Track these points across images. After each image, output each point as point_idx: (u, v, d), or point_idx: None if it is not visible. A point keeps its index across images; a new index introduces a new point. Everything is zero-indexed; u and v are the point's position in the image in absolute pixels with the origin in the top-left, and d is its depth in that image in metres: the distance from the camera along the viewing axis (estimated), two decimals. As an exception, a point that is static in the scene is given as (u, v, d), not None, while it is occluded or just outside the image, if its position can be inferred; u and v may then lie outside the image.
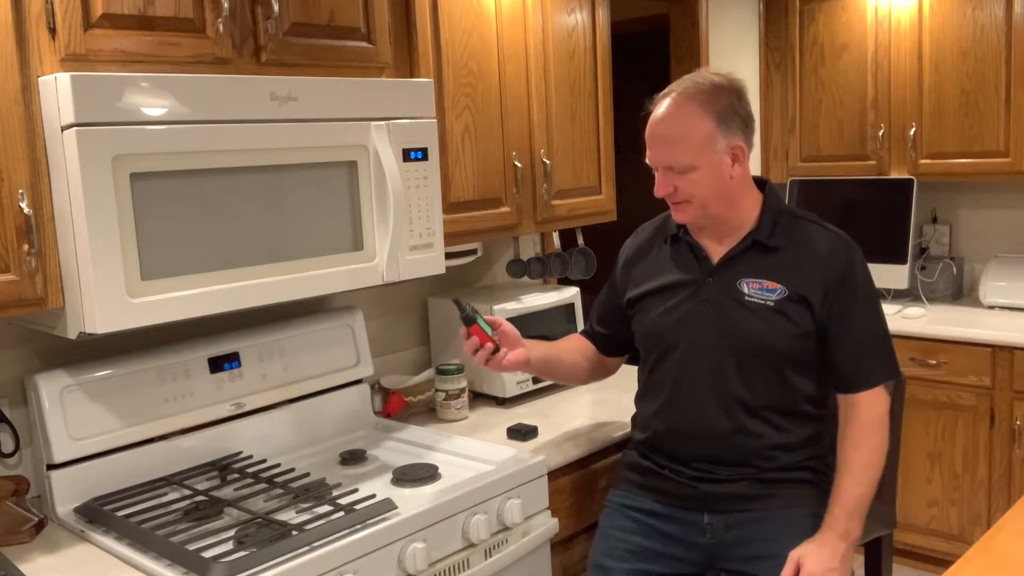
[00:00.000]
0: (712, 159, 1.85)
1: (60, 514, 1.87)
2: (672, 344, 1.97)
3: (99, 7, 1.66)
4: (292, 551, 1.64)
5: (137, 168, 1.65)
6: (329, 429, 2.32)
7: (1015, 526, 1.69)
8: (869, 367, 1.90)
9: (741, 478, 1.91)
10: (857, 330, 1.89)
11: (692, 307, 1.94)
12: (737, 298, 1.90)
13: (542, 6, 2.55)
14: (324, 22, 1.99)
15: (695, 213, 1.90)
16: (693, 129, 1.84)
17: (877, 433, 1.88)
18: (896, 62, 3.60)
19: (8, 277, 1.61)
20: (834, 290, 1.87)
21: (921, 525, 3.43)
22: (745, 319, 1.89)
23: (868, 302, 1.91)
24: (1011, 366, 3.16)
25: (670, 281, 1.99)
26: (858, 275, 1.90)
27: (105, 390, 1.94)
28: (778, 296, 1.87)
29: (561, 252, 2.90)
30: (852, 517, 1.83)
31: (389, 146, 2.02)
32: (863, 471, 1.85)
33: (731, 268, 1.92)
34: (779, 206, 1.96)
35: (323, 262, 1.94)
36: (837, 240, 1.92)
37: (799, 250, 1.90)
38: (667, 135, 1.86)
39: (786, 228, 1.92)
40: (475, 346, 2.02)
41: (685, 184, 1.86)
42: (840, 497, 1.84)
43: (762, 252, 1.91)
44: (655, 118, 1.88)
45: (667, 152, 1.86)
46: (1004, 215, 3.73)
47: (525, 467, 2.04)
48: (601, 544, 2.02)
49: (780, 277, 1.88)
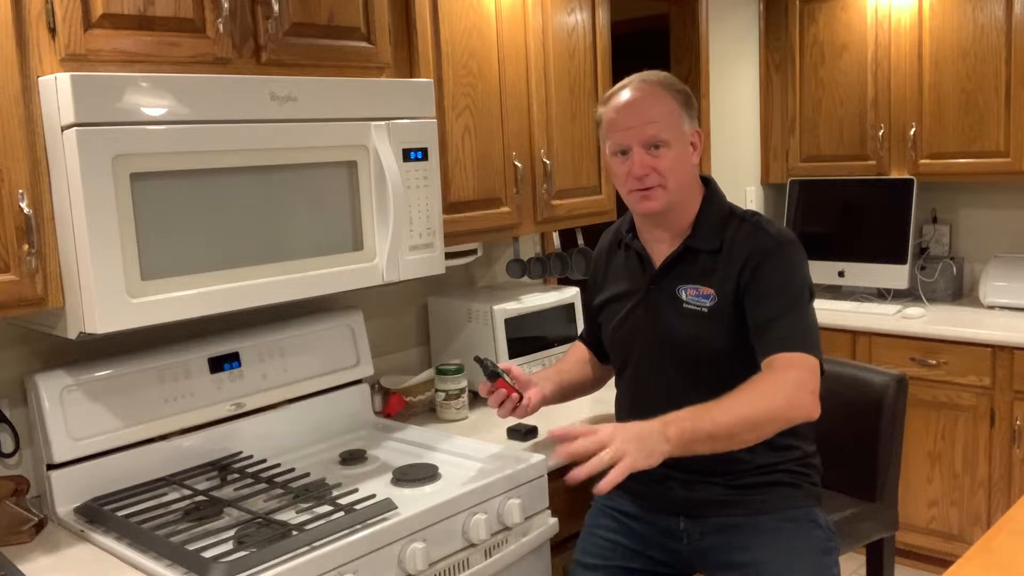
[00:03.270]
0: (682, 139, 1.87)
1: (60, 514, 1.87)
2: (628, 353, 2.00)
3: (99, 7, 1.66)
4: (292, 551, 1.63)
5: (137, 168, 1.65)
6: (329, 429, 2.32)
7: (1015, 526, 1.69)
8: (779, 336, 1.77)
9: (712, 483, 1.90)
10: (765, 309, 1.79)
11: (640, 316, 1.95)
12: (676, 306, 1.89)
13: (542, 6, 2.55)
14: (324, 22, 1.99)
15: (665, 199, 1.87)
16: (665, 106, 1.86)
17: (779, 386, 1.71)
18: (896, 62, 3.60)
19: (8, 277, 1.61)
20: (746, 281, 1.82)
21: (921, 525, 3.43)
22: (684, 327, 1.88)
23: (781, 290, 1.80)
24: (1011, 366, 3.16)
25: (621, 290, 2.01)
26: (772, 266, 1.81)
27: (105, 390, 1.94)
28: (711, 302, 1.85)
29: (561, 252, 2.90)
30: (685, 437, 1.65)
31: (389, 146, 2.02)
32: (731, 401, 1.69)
33: (671, 273, 1.91)
34: (718, 206, 1.92)
35: (323, 262, 1.94)
36: (766, 238, 1.85)
37: (729, 252, 1.86)
38: (643, 110, 1.85)
39: (721, 230, 1.88)
40: (500, 399, 2.03)
41: (663, 162, 1.84)
42: (698, 410, 1.68)
43: (698, 256, 1.89)
44: (624, 102, 1.87)
45: (647, 125, 1.84)
46: (1004, 215, 3.73)
47: (525, 467, 2.04)
48: (583, 542, 2.04)
49: (713, 282, 1.86)
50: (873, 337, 3.46)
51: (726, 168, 3.92)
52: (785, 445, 1.89)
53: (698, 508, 1.91)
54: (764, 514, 1.88)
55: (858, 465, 2.34)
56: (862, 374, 2.39)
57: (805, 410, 1.73)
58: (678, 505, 1.93)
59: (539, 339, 2.66)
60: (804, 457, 1.93)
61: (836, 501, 2.27)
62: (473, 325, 2.59)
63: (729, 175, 3.93)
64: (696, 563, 1.95)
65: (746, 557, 1.85)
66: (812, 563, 1.86)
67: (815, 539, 1.89)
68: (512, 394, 2.03)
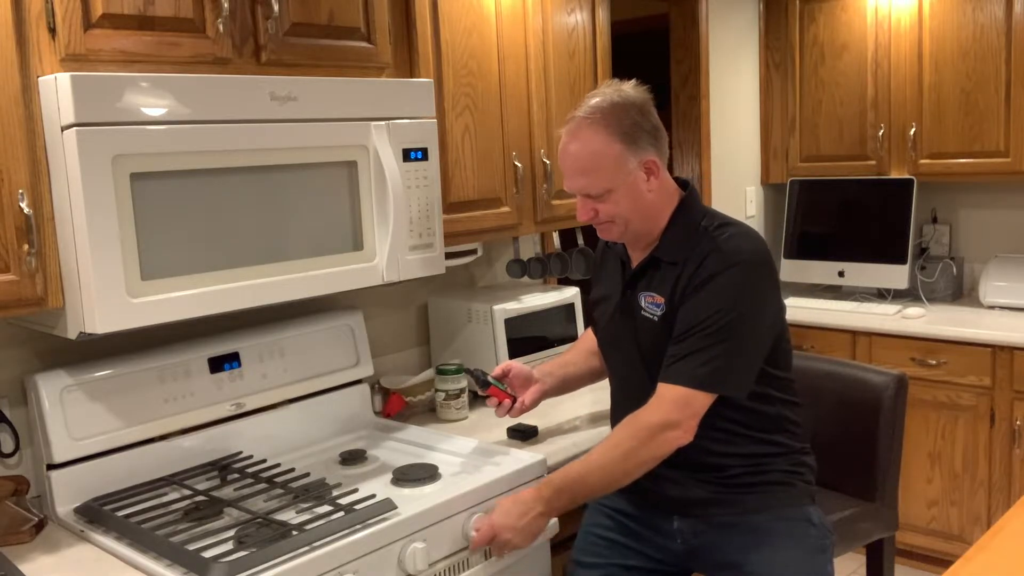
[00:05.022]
0: (627, 179, 1.83)
1: (60, 514, 1.87)
2: (611, 353, 2.04)
3: (99, 7, 1.66)
4: (292, 551, 1.63)
5: (137, 168, 1.65)
6: (329, 429, 2.32)
7: (1015, 526, 1.69)
8: (673, 361, 1.79)
9: (702, 482, 1.90)
10: (681, 326, 1.80)
11: (616, 318, 1.98)
12: (637, 312, 1.91)
13: (542, 6, 2.55)
14: (324, 22, 1.99)
15: (619, 231, 1.90)
16: (601, 154, 1.81)
17: (636, 438, 1.79)
18: (896, 62, 3.60)
19: (8, 277, 1.61)
20: (684, 291, 1.81)
21: (921, 525, 3.43)
22: (642, 332, 1.90)
23: (710, 304, 1.78)
24: (1011, 366, 3.16)
25: (605, 292, 2.05)
26: (714, 284, 1.78)
27: (105, 390, 1.94)
28: (661, 311, 1.86)
29: (561, 252, 2.90)
30: (561, 492, 1.83)
31: (389, 146, 2.02)
32: (596, 458, 1.83)
33: (638, 281, 1.93)
34: (689, 217, 1.89)
35: (323, 262, 1.94)
36: (717, 256, 1.80)
37: (689, 264, 1.84)
38: (577, 164, 1.84)
39: (686, 241, 1.86)
40: (494, 404, 2.15)
41: (605, 207, 1.86)
42: (566, 467, 1.86)
43: (660, 266, 1.89)
44: (562, 148, 1.87)
45: (581, 180, 1.85)
46: (1004, 215, 3.73)
47: (525, 467, 2.04)
48: (580, 541, 2.05)
49: (665, 292, 1.86)
50: (873, 337, 3.46)
51: (726, 168, 3.92)
52: (776, 443, 1.90)
53: (691, 507, 1.91)
54: (758, 513, 1.88)
55: (858, 465, 2.34)
56: (862, 374, 2.39)
57: (659, 445, 1.79)
58: (672, 504, 1.93)
59: (539, 339, 2.66)
60: (796, 454, 1.93)
61: (836, 501, 2.27)
62: (473, 325, 2.59)
63: (729, 175, 3.93)
64: (691, 562, 1.96)
65: (740, 556, 1.85)
66: (806, 562, 1.86)
67: (809, 538, 1.89)
68: (504, 400, 2.13)
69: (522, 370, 2.17)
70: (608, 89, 1.87)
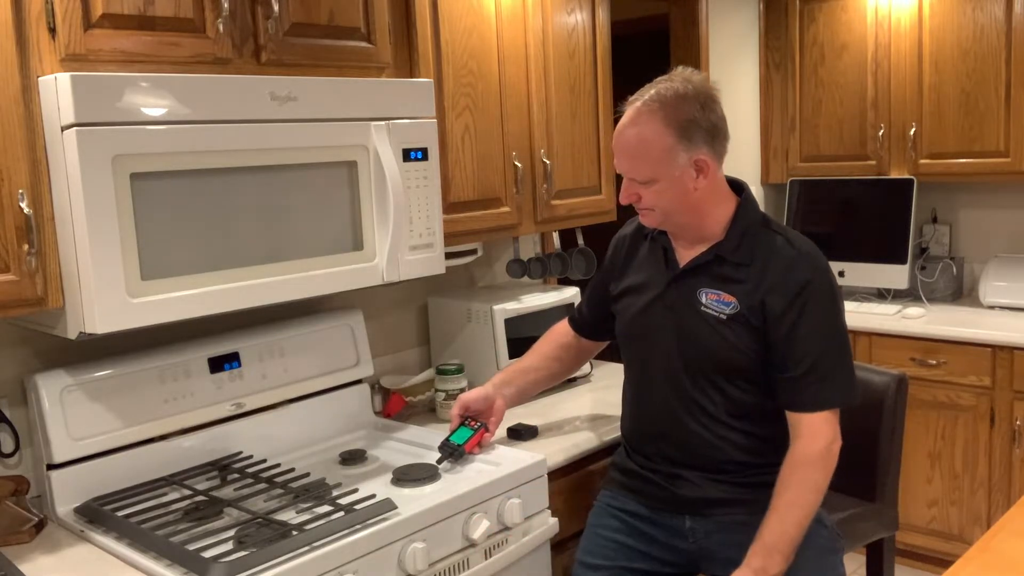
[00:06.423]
0: (673, 172, 1.82)
1: (60, 514, 1.87)
2: (639, 346, 2.01)
3: (99, 7, 1.66)
4: (292, 551, 1.63)
5: (137, 168, 1.65)
6: (329, 429, 2.32)
7: (1015, 526, 1.69)
8: (814, 388, 1.82)
9: (718, 482, 1.90)
10: (806, 350, 1.82)
11: (656, 310, 1.95)
12: (694, 306, 1.89)
13: (542, 6, 2.55)
14: (324, 22, 1.99)
15: (659, 220, 1.90)
16: (652, 143, 1.81)
17: (812, 471, 1.81)
18: (896, 62, 3.60)
19: (8, 277, 1.61)
20: (785, 309, 1.82)
21: (921, 525, 3.43)
22: (699, 328, 1.88)
23: (823, 320, 1.83)
24: (1011, 366, 3.16)
25: (641, 281, 2.01)
26: (814, 294, 1.82)
27: (105, 390, 1.94)
28: (731, 310, 1.85)
29: (561, 252, 2.90)
30: (771, 555, 1.76)
31: (389, 146, 2.02)
32: (787, 509, 1.78)
33: (694, 276, 1.91)
34: (751, 217, 1.92)
35: (323, 262, 1.94)
36: (799, 258, 1.84)
37: (761, 267, 1.85)
38: (627, 147, 1.85)
39: (753, 242, 1.88)
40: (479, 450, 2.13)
41: (648, 194, 1.86)
42: (762, 533, 1.78)
43: (725, 265, 1.88)
44: (618, 128, 1.87)
45: (628, 163, 1.85)
46: (1004, 215, 3.73)
47: (525, 467, 2.04)
48: (586, 542, 2.04)
49: (737, 292, 1.86)
50: (873, 337, 3.46)
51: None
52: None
53: (705, 507, 1.92)
54: None
55: (858, 465, 2.34)
56: (862, 374, 2.37)
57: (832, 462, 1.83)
58: (685, 504, 1.93)
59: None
60: None
61: (836, 501, 2.27)
62: (473, 325, 2.59)
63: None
64: (702, 562, 1.95)
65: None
66: (817, 562, 1.87)
67: (821, 538, 1.89)
68: (484, 436, 2.13)
69: (478, 395, 2.16)
70: (676, 78, 1.85)
